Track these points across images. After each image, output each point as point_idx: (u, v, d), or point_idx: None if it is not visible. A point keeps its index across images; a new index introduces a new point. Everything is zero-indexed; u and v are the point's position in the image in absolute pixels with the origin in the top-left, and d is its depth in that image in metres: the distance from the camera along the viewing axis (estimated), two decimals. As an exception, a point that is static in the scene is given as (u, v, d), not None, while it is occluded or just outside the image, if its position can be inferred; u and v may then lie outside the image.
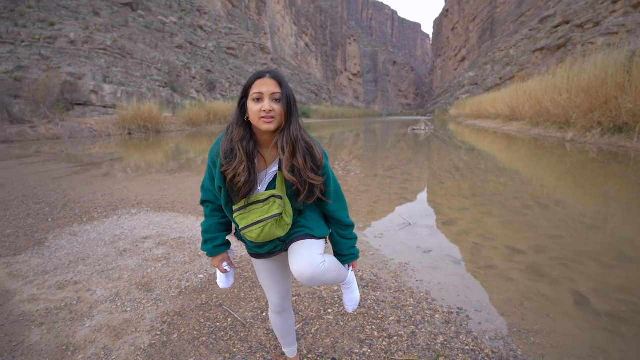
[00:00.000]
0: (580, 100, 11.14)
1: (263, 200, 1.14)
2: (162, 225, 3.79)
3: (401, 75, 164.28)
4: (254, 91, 1.09)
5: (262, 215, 1.14)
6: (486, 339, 1.84)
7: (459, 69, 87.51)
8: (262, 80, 1.09)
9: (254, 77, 1.11)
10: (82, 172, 7.30)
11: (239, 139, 1.12)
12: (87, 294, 2.34)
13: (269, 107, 1.07)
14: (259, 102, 1.09)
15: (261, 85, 1.09)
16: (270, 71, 1.12)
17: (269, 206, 1.14)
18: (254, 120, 1.10)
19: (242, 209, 1.16)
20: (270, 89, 1.09)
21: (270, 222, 1.14)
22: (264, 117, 1.08)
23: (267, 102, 1.08)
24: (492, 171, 7.31)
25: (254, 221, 1.15)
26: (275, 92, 1.09)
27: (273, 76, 1.10)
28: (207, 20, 49.57)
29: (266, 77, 1.10)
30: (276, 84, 1.10)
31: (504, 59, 44.63)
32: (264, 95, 1.08)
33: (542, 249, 3.03)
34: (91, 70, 23.12)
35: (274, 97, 1.09)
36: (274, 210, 1.14)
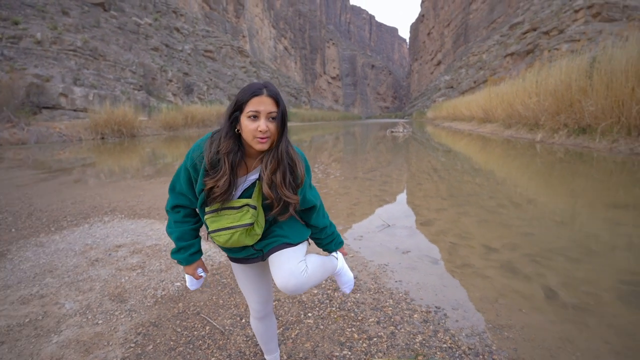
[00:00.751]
0: (548, 103, 11.69)
1: (237, 207, 1.13)
2: (137, 232, 3.67)
3: (379, 78, 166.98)
4: (250, 109, 1.05)
5: (233, 222, 1.13)
6: (463, 336, 1.88)
7: (435, 72, 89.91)
8: (260, 99, 1.05)
9: (249, 93, 1.06)
10: (51, 179, 6.97)
11: (226, 152, 1.08)
12: (54, 307, 2.22)
13: (265, 127, 1.05)
14: (255, 120, 1.06)
15: (258, 103, 1.05)
16: (268, 87, 1.08)
17: (242, 214, 1.13)
18: (248, 138, 1.08)
19: (214, 212, 1.14)
20: (268, 107, 1.06)
21: (239, 231, 1.13)
22: (259, 137, 1.06)
23: (264, 122, 1.05)
24: (468, 172, 7.53)
25: (223, 226, 1.13)
26: (272, 111, 1.07)
27: (270, 93, 1.07)
28: (183, 22, 48.63)
29: (263, 95, 1.06)
30: (273, 103, 1.07)
31: (478, 63, 46.24)
32: (261, 114, 1.05)
33: (515, 247, 3.14)
34: (60, 72, 22.13)
35: (270, 116, 1.07)
36: (245, 220, 1.12)
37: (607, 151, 8.75)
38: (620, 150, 8.49)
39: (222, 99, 40.00)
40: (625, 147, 8.44)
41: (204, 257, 2.99)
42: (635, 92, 8.29)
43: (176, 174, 1.21)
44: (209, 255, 3.03)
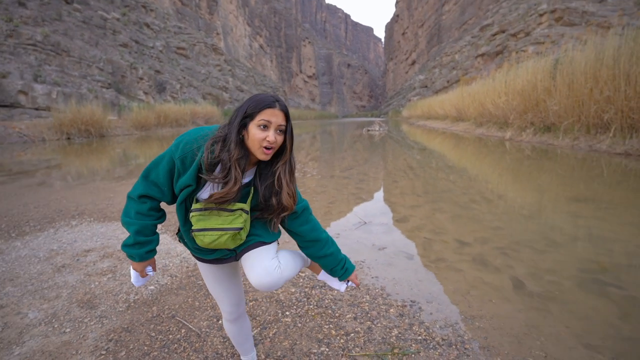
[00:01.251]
0: (516, 103, 12.24)
1: (231, 210, 1.11)
2: (107, 236, 3.52)
3: (355, 77, 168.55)
4: (261, 118, 1.07)
5: (224, 224, 1.11)
6: (437, 327, 1.94)
7: (410, 72, 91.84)
8: (273, 111, 1.08)
9: (263, 104, 1.08)
10: (10, 182, 6.55)
11: (237, 158, 1.08)
12: (16, 317, 2.10)
13: (273, 138, 1.08)
14: (265, 130, 1.08)
15: (271, 115, 1.08)
16: (280, 102, 1.11)
17: (234, 218, 1.12)
18: (254, 147, 1.09)
19: (202, 210, 1.11)
20: (279, 120, 1.09)
21: (228, 234, 1.12)
22: (266, 147, 1.08)
23: (273, 133, 1.08)
24: (442, 169, 7.76)
25: (212, 227, 1.11)
26: (282, 124, 1.11)
27: (282, 108, 1.11)
28: (154, 17, 46.97)
29: (276, 108, 1.09)
30: (284, 117, 1.11)
31: (450, 63, 47.63)
32: (271, 126, 1.08)
33: (486, 240, 3.27)
34: (18, 67, 20.81)
35: (279, 129, 1.10)
36: (236, 224, 1.12)
37: (569, 148, 9.28)
38: (581, 147, 9.03)
39: (196, 98, 39.04)
40: (585, 145, 8.98)
41: (179, 259, 2.92)
42: (593, 92, 8.83)
43: (155, 161, 1.13)
44: (183, 257, 2.96)
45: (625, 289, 2.31)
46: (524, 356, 1.69)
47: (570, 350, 1.72)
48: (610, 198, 4.73)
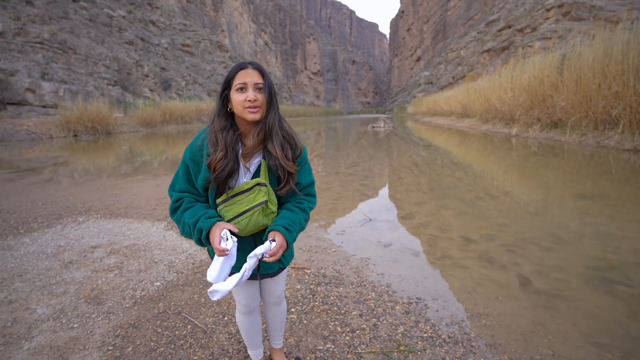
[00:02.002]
0: (523, 99, 12.10)
1: (248, 189, 1.16)
2: (113, 232, 3.55)
3: (360, 74, 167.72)
4: (237, 82, 1.12)
5: (248, 204, 1.15)
6: (443, 325, 1.93)
7: (415, 68, 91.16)
8: (245, 71, 1.12)
9: (236, 68, 1.13)
10: (19, 179, 6.64)
11: (220, 129, 1.14)
12: (25, 313, 2.13)
13: (253, 96, 1.10)
14: (243, 92, 1.12)
15: (245, 75, 1.11)
16: (252, 62, 1.15)
17: (255, 195, 1.16)
18: (239, 111, 1.13)
19: (226, 201, 1.17)
20: (254, 79, 1.12)
21: (257, 210, 1.16)
22: (249, 107, 1.11)
23: (252, 92, 1.11)
24: (447, 166, 7.71)
25: (240, 211, 1.15)
26: (259, 82, 1.12)
27: (255, 67, 1.14)
28: (159, 15, 47.07)
29: (249, 68, 1.13)
30: (259, 75, 1.13)
31: (456, 59, 47.18)
32: (248, 85, 1.11)
33: (492, 237, 3.25)
34: (26, 65, 21.00)
35: (257, 87, 1.13)
36: (259, 198, 1.16)
37: (577, 144, 9.16)
38: (588, 143, 8.90)
39: (202, 95, 39.15)
40: (593, 141, 8.86)
41: (185, 256, 2.94)
42: (601, 88, 8.70)
43: (175, 174, 1.22)
44: (189, 254, 2.98)
45: (634, 287, 2.28)
46: (531, 354, 1.67)
47: (578, 349, 1.71)
48: (618, 195, 4.66)
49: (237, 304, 1.44)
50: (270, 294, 1.46)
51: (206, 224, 1.10)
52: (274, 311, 1.51)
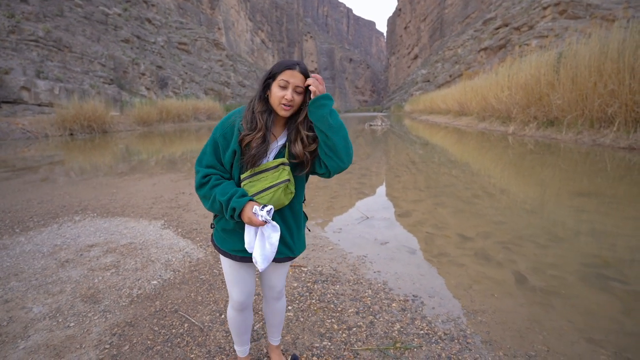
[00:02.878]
0: (519, 97, 12.15)
1: (273, 167, 1.23)
2: (110, 231, 3.54)
3: (357, 72, 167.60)
4: (282, 78, 1.19)
5: (273, 181, 1.23)
6: (439, 322, 1.94)
7: (412, 66, 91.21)
8: (292, 72, 1.19)
9: (284, 65, 1.20)
10: (14, 178, 6.59)
11: (260, 111, 1.23)
12: (20, 312, 2.12)
13: (290, 97, 1.19)
14: (284, 89, 1.19)
15: (290, 75, 1.19)
16: (300, 64, 1.22)
17: (279, 173, 1.23)
18: (274, 104, 1.21)
19: (250, 177, 1.23)
20: (297, 81, 1.19)
21: (280, 187, 1.23)
22: (284, 104, 1.19)
23: (290, 93, 1.19)
24: (445, 164, 7.73)
25: (264, 187, 1.22)
26: (299, 85, 1.20)
27: (302, 70, 1.21)
28: (155, 13, 46.76)
29: (296, 70, 1.20)
30: (303, 79, 1.21)
31: (453, 58, 47.25)
32: (290, 85, 1.19)
33: (488, 235, 3.26)
34: (20, 64, 20.81)
35: (297, 90, 1.20)
36: (284, 176, 1.23)
37: (573, 142, 9.21)
38: (584, 141, 8.96)
39: (198, 93, 38.98)
40: (589, 139, 8.92)
41: (182, 254, 2.93)
42: (597, 86, 8.75)
43: (202, 150, 1.28)
44: (186, 252, 2.97)
45: (629, 283, 2.30)
46: (526, 350, 1.69)
47: (573, 345, 1.72)
48: (614, 192, 4.70)
49: (230, 300, 1.44)
50: (271, 288, 1.47)
51: (239, 203, 1.17)
52: (274, 307, 1.52)
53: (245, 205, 1.17)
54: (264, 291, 1.51)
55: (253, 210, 1.16)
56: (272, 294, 1.48)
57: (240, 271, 1.37)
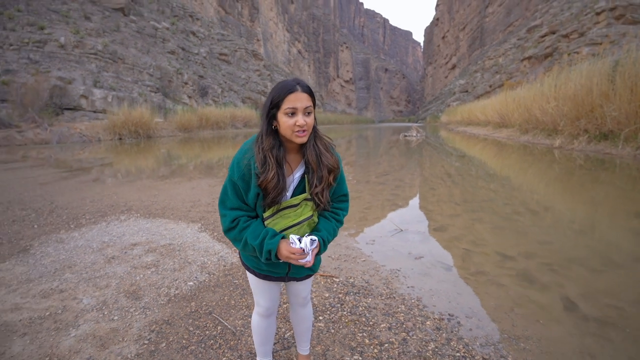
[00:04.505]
0: (567, 108, 11.39)
1: (296, 204, 1.20)
2: (151, 231, 3.74)
3: (393, 82, 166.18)
4: (287, 106, 1.10)
5: (296, 219, 1.20)
6: (477, 345, 1.84)
7: (450, 76, 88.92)
8: (296, 95, 1.10)
9: (286, 91, 1.11)
10: (71, 178, 7.18)
11: (269, 148, 1.14)
12: (73, 302, 2.28)
13: (303, 121, 1.10)
14: (293, 116, 1.11)
15: (295, 100, 1.10)
16: (301, 84, 1.13)
17: (302, 209, 1.21)
18: (287, 133, 1.13)
19: (272, 215, 1.20)
20: (304, 103, 1.11)
21: (304, 225, 1.22)
22: (298, 132, 1.11)
23: (302, 118, 1.11)
24: (482, 177, 7.40)
25: (288, 225, 1.20)
26: (308, 106, 1.12)
27: (304, 89, 1.12)
28: (199, 26, 49.57)
29: (299, 91, 1.11)
30: (308, 98, 1.13)
31: (493, 67, 45.50)
32: (298, 110, 1.11)
33: (532, 255, 3.06)
34: (81, 74, 22.84)
35: (307, 111, 1.12)
36: (306, 213, 1.22)
37: (631, 158, 8.46)
38: (644, 157, 8.19)
39: (236, 102, 40.50)
40: (649, 155, 8.14)
41: (217, 257, 3.02)
42: (660, 97, 8.00)
43: (223, 191, 1.21)
44: (221, 256, 3.06)
45: (700, 318, 2.05)
46: (577, 384, 1.55)
47: (632, 383, 1.55)
48: (680, 215, 4.24)
49: (256, 306, 1.45)
50: (296, 295, 1.47)
51: (272, 245, 1.15)
52: (300, 313, 1.51)
53: (280, 244, 1.15)
54: (289, 298, 1.51)
55: (290, 241, 1.16)
56: (297, 300, 1.48)
57: (266, 284, 1.38)
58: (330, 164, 1.20)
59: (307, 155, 1.19)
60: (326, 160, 1.19)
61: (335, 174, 1.23)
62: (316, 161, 1.19)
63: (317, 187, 1.20)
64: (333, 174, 1.22)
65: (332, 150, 1.25)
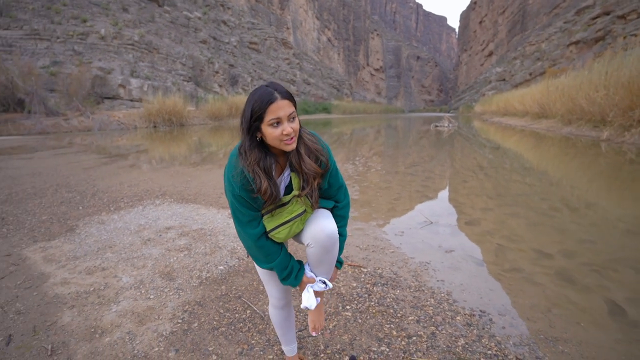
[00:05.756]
0: (619, 97, 10.50)
1: (287, 202, 1.22)
2: (184, 216, 3.88)
3: (425, 70, 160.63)
4: (270, 117, 1.06)
5: (288, 215, 1.21)
6: (510, 344, 1.77)
7: (486, 64, 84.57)
8: (277, 104, 1.06)
9: (266, 102, 1.06)
10: (110, 163, 7.60)
11: (256, 162, 1.12)
12: (113, 280, 2.43)
13: (290, 129, 1.08)
14: (278, 125, 1.08)
15: (277, 110, 1.06)
16: (279, 90, 1.09)
17: (292, 206, 1.22)
18: (275, 143, 1.11)
19: (268, 213, 1.22)
20: (287, 110, 1.07)
21: (297, 221, 1.22)
22: (286, 141, 1.09)
23: (287, 125, 1.08)
24: (517, 171, 7.04)
25: (281, 222, 1.21)
26: (292, 112, 1.09)
27: (284, 96, 1.08)
28: (230, 15, 50.12)
29: (279, 100, 1.06)
30: (289, 103, 1.09)
31: (535, 54, 42.73)
32: (282, 119, 1.07)
33: (572, 254, 2.89)
34: (120, 65, 23.91)
35: (291, 117, 1.09)
36: (297, 210, 1.22)
37: (689, 153, 7.71)
38: None
39: (265, 91, 40.86)
40: None
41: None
42: None
43: (233, 209, 1.20)
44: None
45: None
46: (621, 393, 1.45)
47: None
48: None
49: (270, 298, 1.45)
50: None
51: (295, 284, 1.29)
52: None
53: (301, 283, 1.30)
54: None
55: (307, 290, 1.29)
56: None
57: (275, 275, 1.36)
58: (311, 170, 1.18)
59: (291, 159, 1.18)
60: (305, 166, 1.17)
61: (322, 177, 1.23)
62: (300, 166, 1.18)
63: (304, 190, 1.21)
64: (319, 177, 1.22)
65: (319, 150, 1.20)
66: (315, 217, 1.25)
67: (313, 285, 1.29)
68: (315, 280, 1.29)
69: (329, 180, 1.28)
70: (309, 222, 1.25)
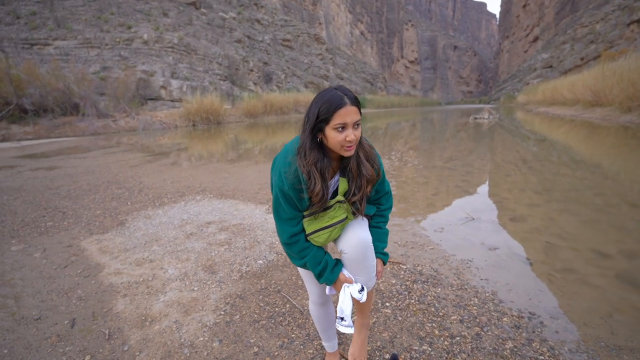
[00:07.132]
0: (688, 81, 9.39)
1: (330, 207, 1.21)
2: (224, 211, 4.02)
3: (462, 60, 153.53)
4: (337, 122, 1.07)
5: (329, 220, 1.21)
6: (565, 350, 1.65)
7: (530, 50, 79.12)
8: (345, 110, 1.07)
9: (335, 106, 1.07)
10: (154, 161, 8.04)
11: (314, 162, 1.13)
12: (160, 272, 2.57)
13: (353, 137, 1.09)
14: (343, 130, 1.09)
15: (345, 115, 1.07)
16: (349, 95, 1.10)
17: (334, 212, 1.22)
18: (335, 148, 1.12)
19: (310, 216, 1.23)
20: (354, 117, 1.09)
21: (337, 227, 1.23)
22: (347, 147, 1.11)
23: (352, 132, 1.09)
24: (566, 164, 6.53)
25: (321, 226, 1.21)
26: (358, 119, 1.11)
27: (353, 102, 1.10)
28: (263, 13, 50.95)
29: (348, 105, 1.08)
30: (357, 111, 1.11)
31: (588, 36, 39.30)
32: (348, 125, 1.09)
33: (635, 254, 2.63)
34: (161, 67, 25.19)
35: (356, 124, 1.11)
36: (340, 216, 1.23)
37: None
38: None
39: (299, 87, 41.23)
40: None
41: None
42: None
43: (275, 202, 1.22)
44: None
45: None
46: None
47: None
48: None
49: (310, 295, 1.45)
50: None
51: (330, 280, 1.26)
52: None
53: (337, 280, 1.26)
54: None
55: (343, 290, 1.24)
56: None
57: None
58: (369, 175, 1.20)
59: (350, 164, 1.19)
60: (365, 171, 1.20)
61: (373, 184, 1.25)
62: (357, 170, 1.20)
63: (355, 196, 1.21)
64: (371, 184, 1.23)
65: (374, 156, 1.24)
66: (351, 225, 1.27)
67: (350, 286, 1.25)
68: (352, 280, 1.26)
69: (376, 188, 1.30)
70: (346, 230, 1.27)
